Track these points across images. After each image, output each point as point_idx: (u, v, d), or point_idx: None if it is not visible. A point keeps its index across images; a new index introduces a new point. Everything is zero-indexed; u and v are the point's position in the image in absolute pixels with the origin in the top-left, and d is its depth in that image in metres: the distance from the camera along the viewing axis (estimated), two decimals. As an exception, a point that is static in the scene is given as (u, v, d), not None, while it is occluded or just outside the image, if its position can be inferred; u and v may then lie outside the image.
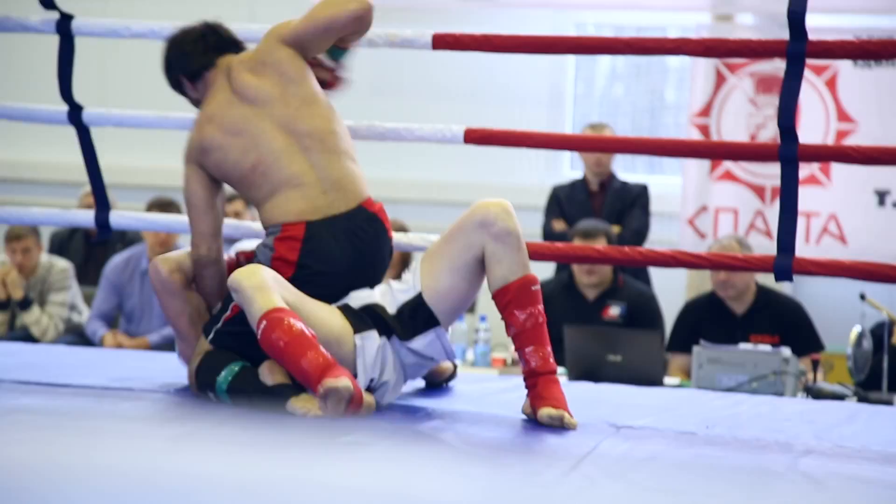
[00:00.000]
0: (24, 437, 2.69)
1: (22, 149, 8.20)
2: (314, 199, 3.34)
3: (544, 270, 6.26)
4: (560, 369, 5.11)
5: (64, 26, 3.93)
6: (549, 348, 3.18)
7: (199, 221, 3.42)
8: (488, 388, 3.52)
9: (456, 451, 2.71)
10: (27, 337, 6.38)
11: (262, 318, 3.04)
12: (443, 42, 3.69)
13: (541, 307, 3.17)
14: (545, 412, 3.10)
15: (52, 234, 7.42)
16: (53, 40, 3.94)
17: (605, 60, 8.14)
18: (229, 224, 3.74)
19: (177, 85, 3.56)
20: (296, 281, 3.26)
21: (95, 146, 3.94)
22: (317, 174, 3.35)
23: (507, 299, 3.15)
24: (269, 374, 3.16)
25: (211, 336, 3.30)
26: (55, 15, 3.94)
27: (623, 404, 3.49)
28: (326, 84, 3.52)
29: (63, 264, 6.68)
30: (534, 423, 3.13)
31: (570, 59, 7.98)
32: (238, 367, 3.22)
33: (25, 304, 6.48)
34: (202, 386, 3.26)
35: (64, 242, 7.30)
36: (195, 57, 3.50)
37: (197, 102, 3.54)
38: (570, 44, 3.98)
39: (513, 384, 3.76)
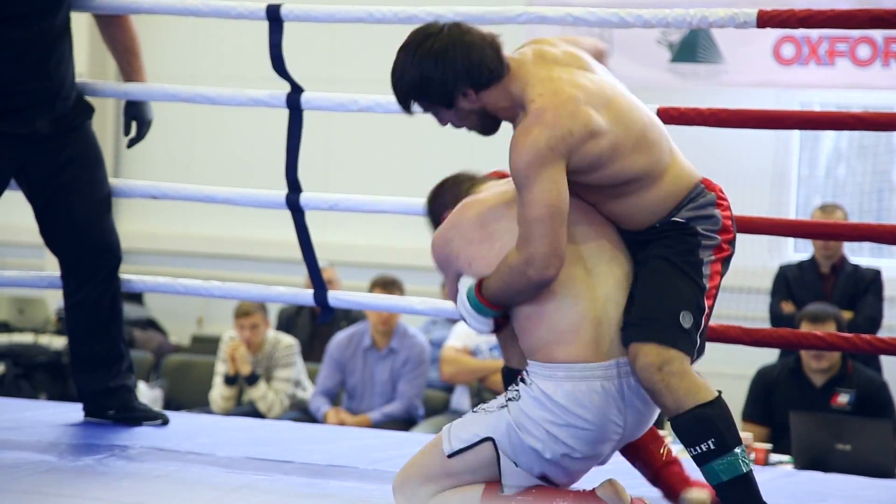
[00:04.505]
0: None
1: (249, 226, 8.45)
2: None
3: (769, 354, 6.11)
4: (786, 457, 4.97)
5: (293, 100, 3.75)
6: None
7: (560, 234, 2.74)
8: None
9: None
10: (254, 412, 6.53)
11: None
12: (667, 116, 3.66)
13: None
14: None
15: (280, 310, 7.61)
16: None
17: (828, 141, 7.98)
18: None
19: (447, 97, 2.78)
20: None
21: (321, 224, 3.83)
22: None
23: None
24: None
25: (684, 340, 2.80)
26: (283, 88, 3.77)
27: (854, 496, 3.37)
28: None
29: (289, 340, 6.84)
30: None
31: (793, 140, 7.85)
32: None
33: (252, 379, 6.65)
34: None
35: (291, 319, 7.48)
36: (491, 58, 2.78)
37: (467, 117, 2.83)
38: (799, 118, 3.90)
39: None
